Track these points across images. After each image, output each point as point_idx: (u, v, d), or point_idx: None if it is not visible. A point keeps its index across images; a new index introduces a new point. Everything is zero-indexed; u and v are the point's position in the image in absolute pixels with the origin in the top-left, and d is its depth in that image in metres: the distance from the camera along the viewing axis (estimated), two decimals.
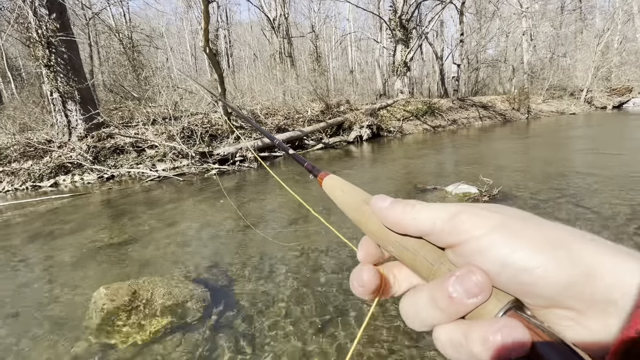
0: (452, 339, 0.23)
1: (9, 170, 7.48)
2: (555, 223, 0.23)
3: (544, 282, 0.20)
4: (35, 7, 7.76)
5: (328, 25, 32.32)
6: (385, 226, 0.28)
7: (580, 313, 0.20)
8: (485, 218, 0.23)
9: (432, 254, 0.26)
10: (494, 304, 0.22)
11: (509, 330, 0.20)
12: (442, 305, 0.23)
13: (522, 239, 0.21)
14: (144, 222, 4.29)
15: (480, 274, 0.22)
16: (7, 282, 2.91)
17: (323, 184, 0.40)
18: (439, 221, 0.25)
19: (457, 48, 21.88)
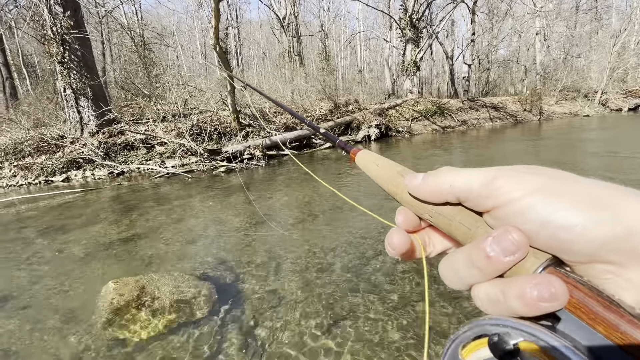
0: (490, 295, 0.23)
1: (23, 164, 7.64)
2: (598, 181, 0.23)
3: (584, 239, 0.20)
4: (51, 5, 7.90)
5: (337, 24, 32.26)
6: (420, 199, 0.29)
7: (621, 266, 0.20)
8: (524, 181, 0.23)
9: (469, 219, 0.26)
10: (532, 261, 0.22)
11: (546, 285, 0.20)
12: (480, 265, 0.23)
13: (562, 199, 0.21)
14: (153, 217, 4.33)
15: (517, 233, 0.22)
16: (19, 274, 2.96)
17: (356, 159, 0.42)
18: (475, 185, 0.25)
19: (468, 48, 21.60)
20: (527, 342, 0.20)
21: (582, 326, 0.20)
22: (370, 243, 3.08)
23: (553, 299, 0.20)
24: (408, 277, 2.49)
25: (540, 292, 0.20)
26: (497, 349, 0.20)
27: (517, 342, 0.20)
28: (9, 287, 2.73)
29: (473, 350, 0.23)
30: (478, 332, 0.22)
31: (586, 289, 0.20)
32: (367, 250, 2.96)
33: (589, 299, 0.20)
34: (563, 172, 0.24)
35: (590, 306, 0.20)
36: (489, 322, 0.22)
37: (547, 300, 0.20)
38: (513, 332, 0.21)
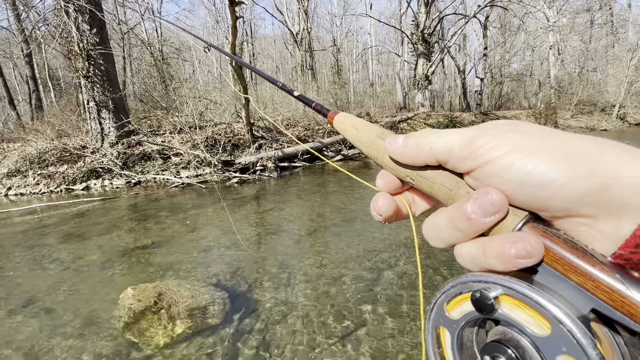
0: (472, 254, 0.24)
1: (46, 173, 7.97)
2: (576, 134, 0.23)
3: (560, 195, 0.21)
4: (78, 23, 8.36)
5: (350, 39, 32.83)
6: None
7: (595, 218, 0.21)
8: (502, 139, 0.23)
9: (450, 180, 0.26)
10: (511, 219, 0.23)
11: (522, 243, 0.21)
12: (462, 226, 0.24)
13: (539, 156, 0.22)
14: (168, 226, 4.44)
15: (496, 193, 0.23)
16: (42, 279, 3.08)
17: (334, 122, 0.40)
18: (455, 147, 0.25)
19: (480, 62, 21.63)
20: (506, 295, 0.21)
21: (558, 276, 0.21)
22: (381, 255, 3.09)
23: (529, 255, 0.21)
24: (415, 286, 2.48)
25: (517, 250, 0.21)
26: (479, 303, 0.22)
27: (496, 296, 0.22)
28: (33, 290, 2.84)
29: (457, 305, 0.25)
30: (462, 289, 0.24)
31: (561, 242, 0.21)
32: (378, 262, 2.96)
33: (564, 251, 0.21)
34: (540, 127, 0.25)
35: (565, 258, 0.21)
36: (471, 279, 0.23)
37: (524, 257, 0.21)
38: (493, 286, 0.22)
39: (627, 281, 0.19)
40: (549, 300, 0.20)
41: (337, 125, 0.39)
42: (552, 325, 0.20)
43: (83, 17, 8.37)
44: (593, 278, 0.20)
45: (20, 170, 8.10)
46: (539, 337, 0.20)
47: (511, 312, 0.21)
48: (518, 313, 0.21)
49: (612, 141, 0.22)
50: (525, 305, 0.21)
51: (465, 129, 0.26)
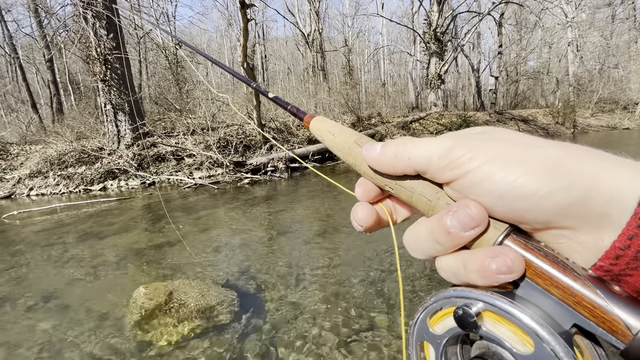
0: (453, 268, 0.24)
1: (66, 174, 8.24)
2: (556, 142, 0.23)
3: (540, 208, 0.21)
4: (96, 29, 8.63)
5: (361, 39, 32.72)
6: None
7: (575, 230, 0.21)
8: (480, 149, 0.23)
9: (430, 190, 0.26)
10: (492, 232, 0.22)
11: (503, 259, 0.21)
12: (441, 240, 0.24)
13: (518, 167, 0.21)
14: (181, 227, 4.51)
15: (475, 207, 0.22)
16: (60, 276, 3.18)
17: (310, 126, 0.38)
18: (434, 158, 0.24)
19: (495, 60, 21.18)
20: (488, 311, 0.21)
21: (540, 291, 0.21)
22: (393, 257, 3.06)
23: (510, 271, 0.21)
24: (427, 288, 2.44)
25: (498, 266, 0.21)
26: (462, 321, 0.22)
27: (479, 312, 0.21)
28: (51, 287, 2.94)
29: (440, 320, 0.24)
30: (444, 304, 0.24)
31: (542, 256, 0.21)
32: (389, 264, 2.94)
33: (545, 265, 0.21)
34: (519, 135, 0.24)
35: (547, 272, 0.20)
36: (453, 294, 0.23)
37: (505, 272, 0.21)
38: (475, 302, 0.22)
39: (608, 297, 0.19)
40: (531, 317, 0.20)
41: (314, 130, 0.37)
42: (535, 344, 0.20)
43: (100, 22, 8.63)
44: (574, 293, 0.20)
45: (42, 171, 8.40)
46: (523, 355, 0.20)
47: (494, 329, 0.21)
48: (501, 330, 0.21)
49: (592, 150, 0.22)
50: (508, 322, 0.21)
51: (443, 138, 0.25)
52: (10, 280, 3.17)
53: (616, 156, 0.21)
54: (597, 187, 0.19)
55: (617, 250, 0.19)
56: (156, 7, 19.52)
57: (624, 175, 0.19)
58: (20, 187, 8.13)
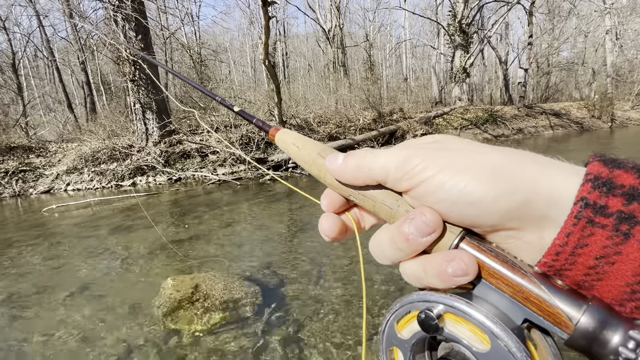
0: (415, 273, 0.25)
1: (99, 170, 8.69)
2: (500, 148, 0.25)
3: (487, 213, 0.22)
4: (126, 31, 8.98)
5: (383, 33, 32.17)
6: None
7: (520, 230, 0.23)
8: (433, 159, 0.24)
9: (390, 199, 0.27)
10: (448, 237, 0.24)
11: (457, 262, 0.22)
12: (402, 246, 0.25)
13: (466, 174, 0.23)
14: (205, 221, 4.65)
15: (430, 213, 0.24)
16: (94, 267, 3.37)
17: (276, 139, 0.39)
18: (392, 169, 0.26)
19: (524, 51, 20.20)
20: (449, 313, 0.23)
21: (493, 289, 0.22)
22: None
23: (465, 273, 0.22)
24: None
25: (453, 269, 0.22)
26: (425, 324, 0.23)
27: (440, 314, 0.23)
28: (87, 277, 3.13)
29: (406, 324, 0.25)
30: (409, 308, 0.25)
31: (493, 256, 0.23)
32: None
33: (496, 265, 0.22)
34: (468, 143, 0.26)
35: (498, 271, 0.22)
36: (416, 299, 0.24)
37: (460, 275, 0.22)
38: (436, 305, 0.23)
39: (551, 291, 0.21)
40: (485, 315, 0.21)
41: (279, 143, 0.38)
42: (491, 341, 0.21)
43: (130, 25, 8.97)
44: (522, 290, 0.21)
45: (77, 167, 8.90)
46: (481, 353, 0.21)
47: (455, 329, 0.23)
48: (461, 329, 0.22)
49: (533, 155, 0.24)
50: (467, 322, 0.22)
51: (399, 148, 0.27)
52: (51, 269, 3.40)
53: (554, 160, 0.23)
54: (537, 191, 0.21)
55: (557, 247, 0.21)
56: (181, 7, 20.06)
57: (560, 178, 0.22)
58: (58, 183, 8.66)
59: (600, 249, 0.20)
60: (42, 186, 8.58)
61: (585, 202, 0.20)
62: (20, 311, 2.62)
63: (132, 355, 1.99)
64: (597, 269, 0.20)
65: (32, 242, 4.36)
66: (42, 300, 2.76)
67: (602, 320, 0.19)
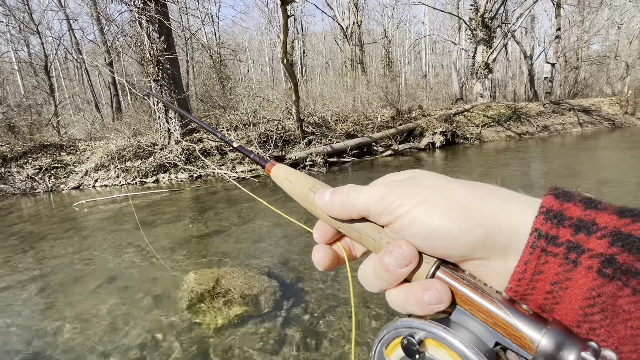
0: (397, 300, 0.28)
1: (124, 167, 9.03)
2: (467, 184, 0.27)
3: (456, 245, 0.25)
4: (149, 32, 9.27)
5: (401, 29, 31.66)
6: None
7: (487, 259, 0.25)
8: (408, 195, 0.27)
9: (374, 231, 0.30)
10: (424, 267, 0.27)
11: (432, 292, 0.25)
12: (383, 276, 0.28)
13: (437, 210, 0.25)
14: (225, 217, 4.75)
15: (406, 246, 0.26)
16: (121, 260, 3.52)
17: (271, 174, 0.41)
18: (372, 205, 0.28)
19: (551, 45, 19.35)
20: (430, 338, 0.25)
21: (467, 315, 0.24)
22: None
23: (440, 301, 0.25)
24: None
25: (429, 298, 0.25)
26: (407, 350, 0.25)
27: (421, 340, 0.24)
28: (114, 269, 3.27)
29: (393, 350, 0.27)
30: (395, 334, 0.27)
31: (465, 284, 0.25)
32: None
33: (468, 291, 0.24)
34: (441, 179, 0.29)
35: (469, 297, 0.24)
36: (400, 325, 0.26)
37: (436, 303, 0.25)
38: (418, 331, 0.25)
39: (516, 315, 0.22)
40: (460, 341, 0.23)
41: (274, 177, 0.41)
42: None
43: (153, 26, 9.25)
44: (491, 315, 0.23)
45: (104, 164, 9.28)
46: None
47: (436, 354, 0.24)
48: (441, 355, 0.24)
49: (498, 190, 0.26)
50: (445, 347, 0.24)
51: (377, 185, 0.30)
52: (81, 261, 3.57)
53: (515, 193, 0.26)
54: (498, 224, 0.24)
55: (518, 274, 0.23)
56: (202, 8, 20.47)
57: (518, 211, 0.24)
58: (87, 179, 9.07)
59: (554, 275, 0.22)
60: (72, 182, 9.01)
61: (538, 232, 0.22)
62: (54, 300, 2.78)
63: (156, 344, 2.07)
64: (554, 294, 0.22)
65: (64, 235, 4.60)
66: (73, 290, 2.91)
67: (559, 342, 0.21)
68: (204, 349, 2.01)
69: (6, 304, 2.77)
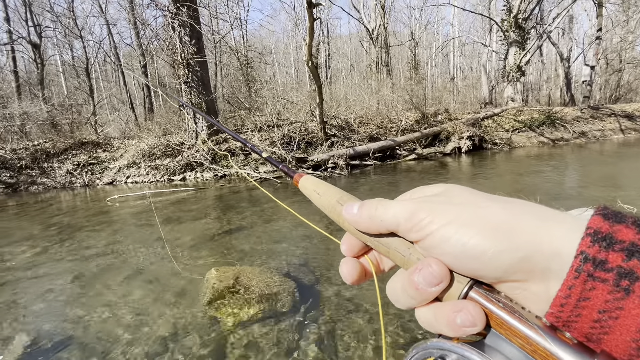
0: (428, 319, 0.27)
1: (154, 165, 9.43)
2: (503, 201, 0.26)
3: (490, 267, 0.24)
4: (182, 36, 9.65)
5: (429, 31, 31.05)
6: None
7: (524, 282, 0.23)
8: (440, 212, 0.26)
9: (403, 246, 0.28)
10: (456, 287, 0.25)
11: (465, 314, 0.23)
12: (412, 294, 0.27)
13: (470, 229, 0.24)
14: (247, 217, 4.85)
15: (436, 264, 0.25)
16: (147, 254, 3.68)
17: (299, 185, 0.41)
18: (401, 220, 0.27)
19: (591, 47, 18.28)
20: None
21: (503, 339, 0.23)
22: None
23: (473, 324, 0.23)
24: None
25: (462, 320, 0.23)
26: None
27: None
28: (141, 263, 3.42)
29: None
30: (424, 355, 0.25)
31: (501, 307, 0.23)
32: None
33: (504, 314, 0.23)
34: (472, 195, 0.27)
35: (506, 321, 0.23)
36: (431, 346, 0.25)
37: (468, 326, 0.23)
38: (450, 354, 0.24)
39: (558, 344, 0.21)
40: None
41: (302, 189, 0.40)
42: None
43: (185, 30, 9.62)
44: (530, 342, 0.22)
45: (136, 162, 9.74)
46: None
47: None
48: None
49: (535, 207, 0.25)
50: None
51: (407, 200, 0.29)
52: (111, 253, 3.76)
53: (556, 212, 0.24)
54: (537, 246, 0.22)
55: (561, 299, 0.22)
56: (231, 12, 21.08)
57: (561, 232, 0.23)
58: (120, 175, 9.56)
59: (602, 303, 0.20)
60: (107, 178, 9.53)
61: (584, 256, 0.21)
62: (86, 288, 2.94)
63: (178, 336, 2.14)
64: (602, 323, 0.20)
65: (97, 228, 4.86)
66: (103, 280, 3.07)
67: None
68: (222, 344, 2.05)
69: (45, 289, 2.97)
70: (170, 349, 2.04)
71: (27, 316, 2.54)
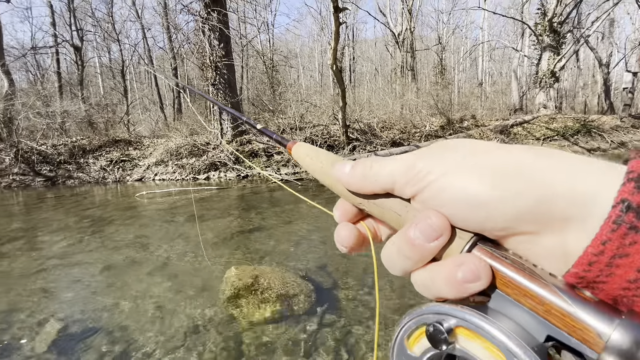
0: (424, 281, 0.24)
1: (180, 164, 9.78)
2: (513, 146, 0.22)
3: (497, 214, 0.20)
4: (211, 40, 9.99)
5: (457, 35, 30.37)
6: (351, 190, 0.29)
7: (537, 234, 0.20)
8: (438, 161, 0.23)
9: (398, 205, 0.26)
10: (458, 243, 0.22)
11: (468, 266, 0.20)
12: (408, 254, 0.23)
13: (473, 175, 0.21)
14: (267, 217, 4.92)
15: (435, 216, 0.22)
16: (171, 249, 3.81)
17: (292, 153, 0.39)
18: (397, 176, 0.25)
19: (633, 52, 17.22)
20: (462, 327, 0.20)
21: (510, 301, 0.20)
22: None
23: (477, 278, 0.20)
24: None
25: (464, 274, 0.20)
26: (433, 338, 0.21)
27: (451, 328, 0.20)
28: (165, 258, 3.54)
29: (417, 341, 0.23)
30: (419, 322, 0.23)
31: (509, 264, 0.20)
32: None
33: (513, 273, 0.20)
34: (480, 144, 0.24)
35: (514, 280, 0.20)
36: (426, 311, 0.22)
37: (472, 280, 0.20)
38: (447, 318, 0.21)
39: (577, 303, 0.18)
40: (501, 331, 0.19)
41: (295, 155, 0.38)
42: (507, 359, 0.18)
43: (214, 34, 9.95)
44: (543, 301, 0.19)
45: (164, 160, 10.14)
46: None
47: (468, 346, 0.20)
48: (474, 346, 0.20)
49: (548, 150, 0.21)
50: (480, 337, 0.20)
51: (407, 155, 0.25)
52: (138, 247, 3.93)
53: (579, 156, 0.20)
54: (557, 188, 0.19)
55: (591, 257, 0.18)
56: (258, 17, 21.60)
57: (588, 175, 0.19)
58: (148, 173, 9.98)
59: None
60: (136, 175, 9.97)
61: (627, 204, 0.17)
62: (113, 280, 3.09)
63: (197, 331, 2.20)
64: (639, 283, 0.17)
65: (126, 222, 5.10)
66: (130, 272, 3.21)
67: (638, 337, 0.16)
68: (239, 341, 2.09)
69: (76, 278, 3.14)
70: (188, 341, 2.10)
71: (60, 303, 2.70)
